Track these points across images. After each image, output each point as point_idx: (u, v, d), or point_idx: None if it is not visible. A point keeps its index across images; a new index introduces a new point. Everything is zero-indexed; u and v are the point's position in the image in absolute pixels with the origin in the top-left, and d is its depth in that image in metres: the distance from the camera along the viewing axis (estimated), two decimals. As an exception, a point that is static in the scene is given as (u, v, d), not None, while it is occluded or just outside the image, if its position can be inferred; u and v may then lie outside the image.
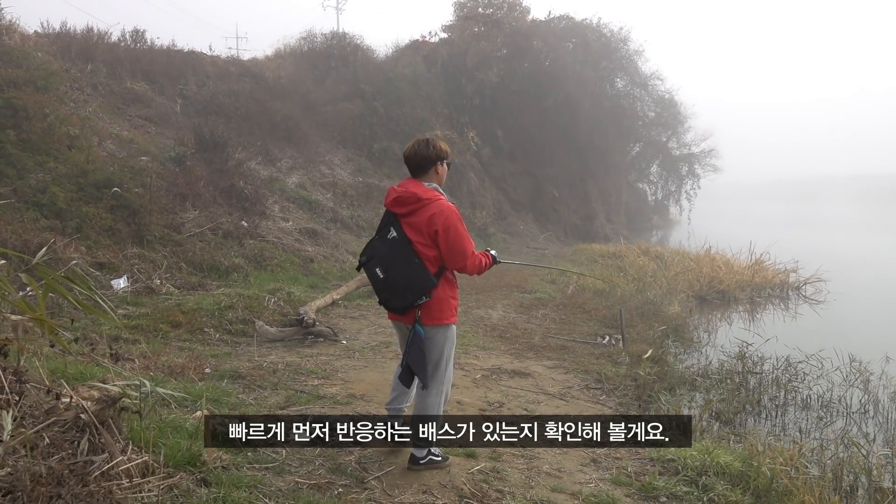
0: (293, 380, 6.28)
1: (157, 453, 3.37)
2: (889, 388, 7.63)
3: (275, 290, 10.16)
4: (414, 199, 3.98)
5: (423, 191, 4.02)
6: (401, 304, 3.98)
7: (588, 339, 9.76)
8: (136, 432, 3.40)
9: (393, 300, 4.01)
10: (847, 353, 8.30)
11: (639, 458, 5.07)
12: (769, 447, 5.24)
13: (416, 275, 3.91)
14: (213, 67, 21.74)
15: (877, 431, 6.91)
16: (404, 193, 4.02)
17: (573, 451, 5.13)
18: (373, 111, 23.46)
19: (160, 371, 5.72)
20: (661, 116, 37.65)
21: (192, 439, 3.77)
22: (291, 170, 18.30)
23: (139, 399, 3.25)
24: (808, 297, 15.64)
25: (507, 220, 26.44)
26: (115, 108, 16.26)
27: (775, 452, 5.04)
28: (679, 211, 39.40)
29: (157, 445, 3.50)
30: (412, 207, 3.98)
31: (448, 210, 3.97)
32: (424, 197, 3.98)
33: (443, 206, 3.98)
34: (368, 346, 8.20)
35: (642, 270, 16.48)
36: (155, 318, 8.16)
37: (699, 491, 4.51)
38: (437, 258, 4.00)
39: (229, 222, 13.17)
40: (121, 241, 10.79)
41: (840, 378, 7.89)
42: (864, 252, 27.48)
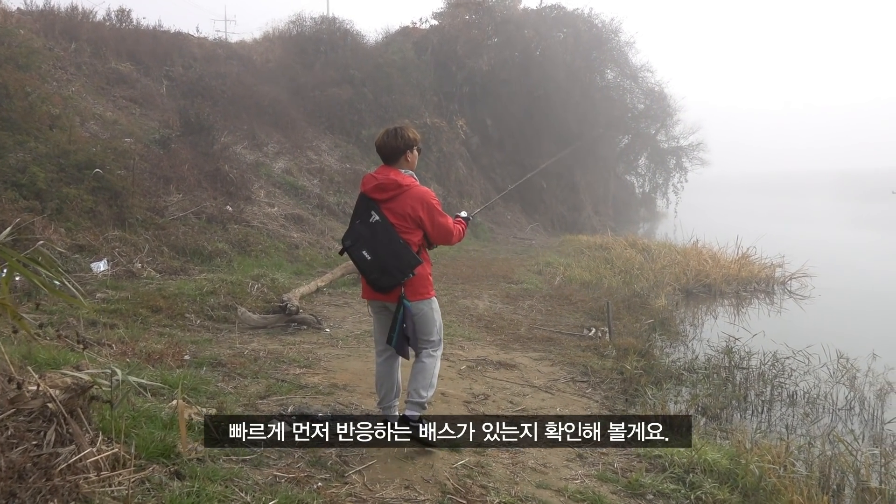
0: (274, 368, 6.15)
1: (129, 444, 3.24)
2: (875, 384, 7.60)
3: (258, 277, 10.01)
4: (394, 186, 4.27)
5: (402, 178, 4.30)
6: (389, 282, 4.20)
7: (574, 332, 9.69)
8: (107, 422, 3.27)
9: (382, 279, 4.21)
10: (833, 349, 8.26)
11: (625, 454, 4.99)
12: (757, 445, 5.17)
13: (402, 254, 4.19)
14: (199, 49, 21.40)
15: (863, 428, 6.89)
16: (385, 180, 4.28)
17: (559, 449, 5.04)
18: (362, 97, 23.19)
19: (137, 357, 5.58)
20: (650, 109, 37.50)
21: (166, 430, 3.64)
22: (278, 155, 18.07)
23: (111, 388, 3.12)
24: (794, 293, 15.65)
25: (495, 210, 26.31)
26: (99, 88, 15.96)
27: (763, 450, 4.98)
28: (666, 204, 39.36)
29: (129, 436, 3.38)
30: (393, 193, 4.27)
31: (427, 194, 4.33)
32: (404, 184, 4.28)
33: (421, 191, 4.33)
34: (352, 335, 8.08)
35: (629, 263, 16.42)
36: (135, 302, 8.00)
37: (686, 489, 4.44)
38: (418, 239, 4.32)
39: (213, 206, 12.97)
40: (102, 223, 10.59)
41: (827, 374, 7.86)
42: (846, 247, 27.62)
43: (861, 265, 21.47)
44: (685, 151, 39.53)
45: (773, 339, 8.68)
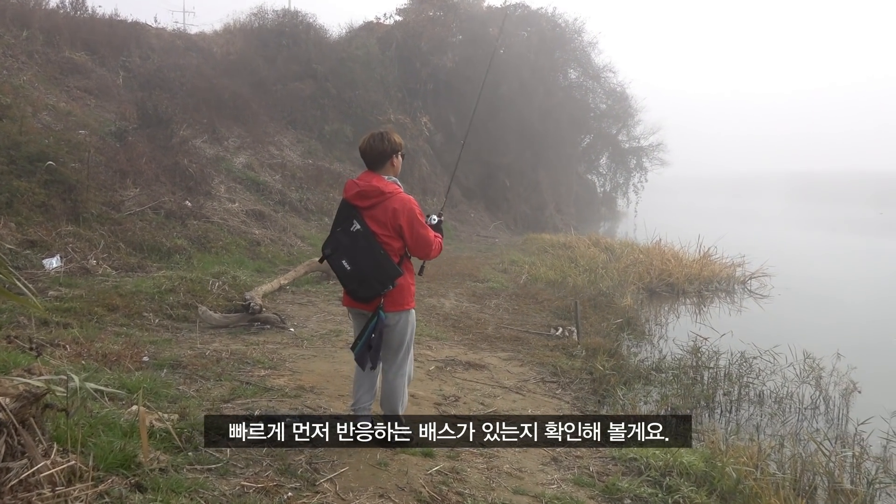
0: (238, 370, 5.94)
1: (87, 455, 3.04)
2: (840, 384, 7.66)
3: (219, 274, 9.72)
4: (377, 193, 4.12)
5: (385, 184, 4.15)
6: (369, 293, 4.09)
7: (542, 331, 9.62)
8: (62, 432, 3.06)
9: (361, 290, 4.11)
10: (797, 348, 8.31)
11: (600, 457, 4.91)
12: (731, 446, 5.13)
13: (383, 265, 4.04)
14: (158, 40, 20.86)
15: (829, 427, 6.93)
16: (367, 187, 4.14)
17: (533, 449, 4.94)
18: (325, 92, 22.88)
19: (93, 359, 5.32)
20: (612, 109, 37.82)
21: (126, 438, 3.43)
22: (239, 149, 17.69)
23: (66, 395, 2.90)
24: (753, 292, 15.84)
25: (458, 208, 26.24)
26: (52, 77, 15.43)
27: (737, 452, 4.94)
28: (626, 203, 39.78)
29: (86, 446, 3.17)
30: (374, 201, 4.12)
31: (410, 203, 4.15)
32: (386, 191, 4.12)
33: (403, 199, 4.15)
34: (317, 335, 7.89)
35: (593, 261, 16.45)
36: (90, 300, 7.68)
37: (664, 493, 4.37)
38: (400, 248, 4.17)
39: (172, 202, 12.60)
40: (54, 218, 10.19)
41: (792, 374, 7.90)
42: (800, 248, 28.17)
43: (816, 265, 21.89)
44: (646, 152, 39.99)
45: (739, 338, 8.72)
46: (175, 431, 3.63)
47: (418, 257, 4.29)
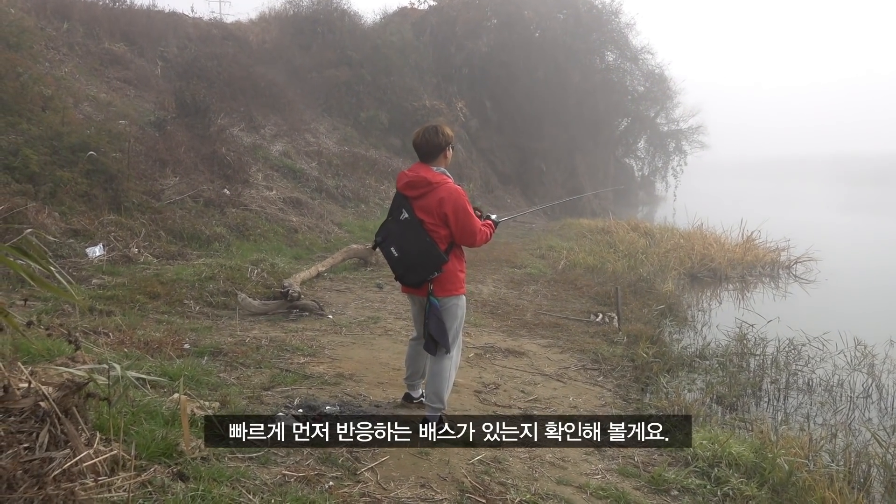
0: (278, 357, 5.93)
1: (129, 444, 3.02)
2: (894, 372, 7.40)
3: (258, 262, 9.77)
4: (424, 183, 4.28)
5: (433, 175, 4.30)
6: (415, 279, 4.31)
7: (581, 317, 9.49)
8: (104, 420, 3.05)
9: (408, 276, 4.34)
10: (846, 335, 8.06)
11: (644, 447, 4.79)
12: (782, 437, 4.97)
13: (428, 252, 4.23)
14: (195, 30, 21.03)
15: (882, 417, 6.70)
16: (415, 178, 4.32)
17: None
18: (360, 79, 22.86)
19: (135, 347, 5.35)
20: (650, 91, 37.20)
21: (168, 426, 3.42)
22: (275, 137, 17.77)
23: (108, 383, 2.89)
24: (799, 277, 15.47)
25: (494, 193, 26.06)
26: (93, 69, 15.63)
27: (788, 442, 4.78)
28: (665, 187, 39.19)
29: (128, 435, 3.16)
30: (423, 191, 4.29)
31: (456, 193, 4.28)
32: (434, 181, 4.28)
33: (451, 188, 4.29)
34: (356, 322, 7.87)
35: (632, 246, 16.20)
36: (132, 288, 7.76)
37: (712, 484, 4.24)
38: (447, 236, 4.31)
39: (211, 190, 12.70)
40: (97, 207, 10.32)
41: (843, 361, 7.65)
42: (845, 231, 27.45)
43: (863, 249, 21.30)
44: (685, 134, 39.34)
45: (786, 324, 8.49)
46: (216, 419, 3.60)
47: (463, 245, 4.41)
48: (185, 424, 3.12)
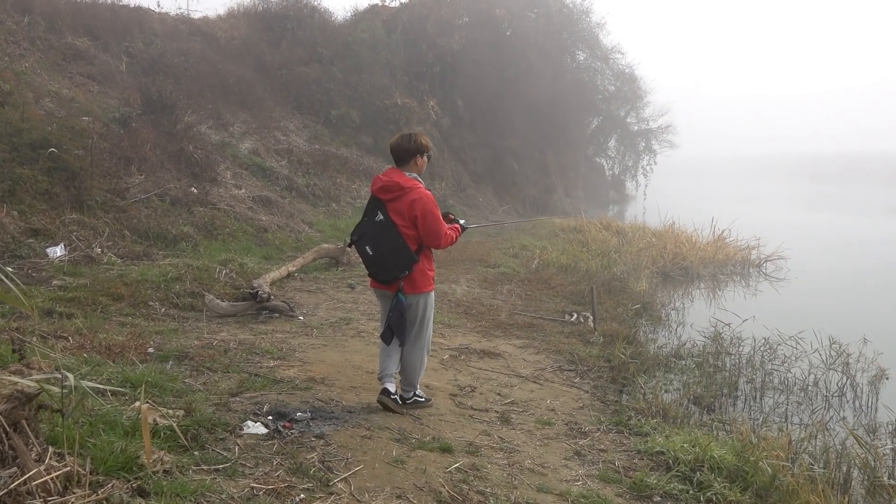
0: (247, 361, 5.73)
1: (85, 458, 2.83)
2: (868, 371, 7.40)
3: (226, 262, 9.53)
4: (397, 188, 4.56)
5: (405, 180, 4.59)
6: (387, 277, 4.60)
7: (556, 317, 9.39)
8: (58, 434, 2.85)
9: (381, 274, 4.63)
10: (821, 333, 8.02)
11: (625, 451, 4.70)
12: (763, 438, 4.90)
13: (401, 253, 4.51)
14: (161, 25, 20.55)
15: (856, 416, 6.68)
16: (388, 182, 4.60)
17: (555, 443, 4.75)
18: (330, 76, 22.56)
19: (96, 351, 5.12)
20: (620, 91, 37.36)
21: (128, 438, 3.22)
22: (244, 135, 17.45)
23: (61, 394, 2.69)
24: (769, 275, 15.56)
25: (467, 192, 25.92)
26: (55, 64, 15.20)
27: (769, 444, 4.71)
28: (635, 186, 39.42)
29: (85, 447, 2.96)
30: (395, 194, 4.56)
31: (426, 197, 4.56)
32: (406, 185, 4.55)
33: (421, 193, 4.56)
34: (327, 323, 7.68)
35: (605, 245, 16.18)
36: (94, 289, 7.50)
37: (695, 489, 4.15)
38: (417, 237, 4.60)
39: (178, 188, 12.40)
40: (58, 205, 10.00)
41: (817, 360, 7.62)
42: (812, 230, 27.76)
43: (831, 248, 21.53)
44: (654, 134, 39.56)
45: (761, 323, 8.46)
46: (180, 429, 3.42)
47: (429, 245, 4.67)
48: (146, 435, 2.93)
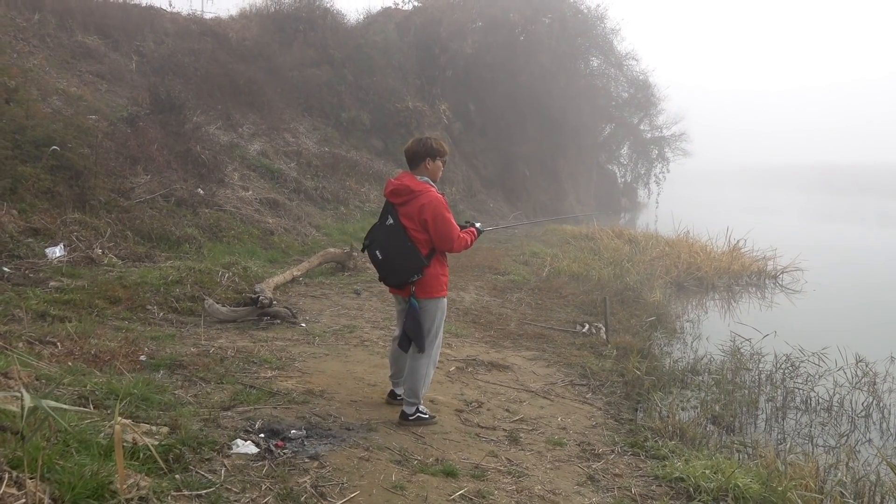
0: (243, 370, 5.47)
1: (50, 482, 2.57)
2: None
3: (230, 265, 9.30)
4: (407, 191, 4.53)
5: (416, 183, 4.56)
6: (397, 281, 4.58)
7: (567, 327, 9.10)
8: (20, 458, 2.59)
9: (390, 278, 4.62)
10: (843, 349, 7.68)
11: (642, 476, 4.39)
12: (789, 465, 4.58)
13: (410, 256, 4.47)
14: (172, 25, 20.41)
15: (885, 438, 6.34)
16: (399, 186, 4.57)
17: (567, 466, 4.45)
18: (341, 79, 22.37)
19: (84, 359, 4.87)
20: (634, 98, 37.10)
21: (102, 459, 2.96)
22: (253, 136, 17.24)
23: (22, 415, 2.44)
24: (785, 287, 15.19)
25: (477, 198, 25.66)
26: (64, 62, 15.05)
27: (797, 472, 4.39)
28: (647, 194, 39.09)
29: (52, 470, 2.70)
30: (406, 198, 4.53)
31: (436, 201, 4.51)
32: (416, 189, 4.52)
33: (431, 196, 4.51)
34: (330, 331, 7.42)
35: (617, 254, 15.87)
36: (91, 292, 7.27)
37: (718, 521, 3.84)
38: (429, 241, 4.55)
39: (184, 189, 12.19)
40: (60, 205, 9.79)
41: (842, 378, 7.27)
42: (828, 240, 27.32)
43: (847, 259, 21.11)
44: (668, 142, 39.22)
45: (781, 338, 8.11)
46: (162, 449, 3.15)
47: (442, 249, 4.61)
48: (119, 458, 2.66)
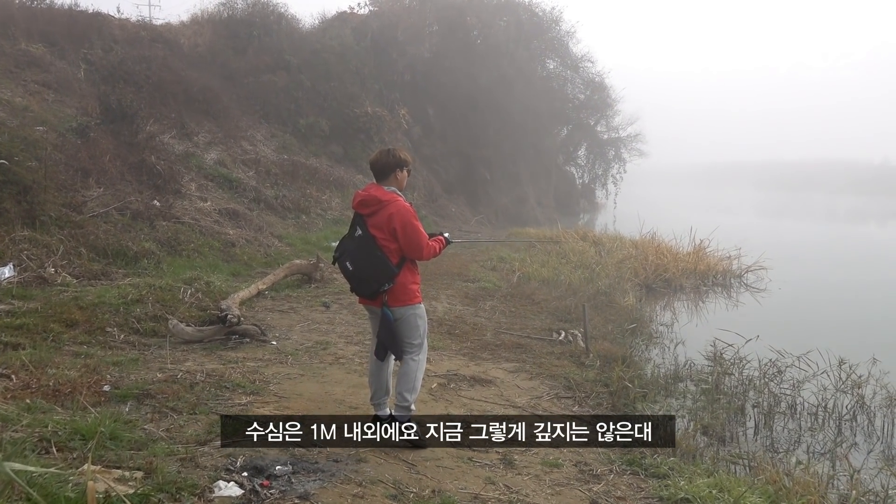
0: (216, 397, 5.14)
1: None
2: (881, 393, 6.99)
3: (191, 280, 8.89)
4: (375, 202, 4.53)
5: (383, 193, 4.55)
6: (368, 290, 4.54)
7: (543, 335, 8.92)
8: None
9: (361, 288, 4.58)
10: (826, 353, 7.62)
11: (645, 498, 4.20)
12: (796, 481, 4.43)
13: (379, 266, 4.46)
14: (121, 31, 19.78)
15: (869, 442, 6.29)
16: (367, 197, 4.57)
17: (567, 490, 4.24)
18: (298, 85, 21.94)
19: (42, 394, 4.49)
20: (590, 99, 37.37)
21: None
22: (210, 145, 16.74)
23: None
24: (750, 286, 15.30)
25: (439, 203, 25.43)
26: (7, 71, 14.41)
27: (804, 488, 4.25)
28: (605, 195, 39.37)
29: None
30: (374, 208, 4.53)
31: (405, 209, 4.51)
32: (384, 199, 4.52)
33: (400, 205, 4.51)
34: (303, 348, 7.11)
35: (584, 257, 15.78)
36: (45, 315, 6.82)
37: (732, 546, 3.66)
38: (399, 250, 4.52)
39: (139, 201, 11.69)
40: (8, 222, 9.25)
41: (827, 381, 7.20)
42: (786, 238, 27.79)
43: (808, 256, 21.46)
44: (624, 142, 39.62)
45: (765, 342, 8.02)
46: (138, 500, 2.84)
47: (412, 257, 4.59)
48: None
